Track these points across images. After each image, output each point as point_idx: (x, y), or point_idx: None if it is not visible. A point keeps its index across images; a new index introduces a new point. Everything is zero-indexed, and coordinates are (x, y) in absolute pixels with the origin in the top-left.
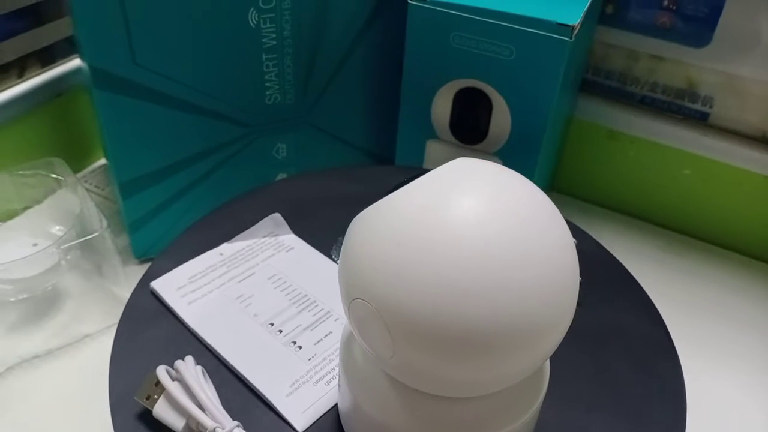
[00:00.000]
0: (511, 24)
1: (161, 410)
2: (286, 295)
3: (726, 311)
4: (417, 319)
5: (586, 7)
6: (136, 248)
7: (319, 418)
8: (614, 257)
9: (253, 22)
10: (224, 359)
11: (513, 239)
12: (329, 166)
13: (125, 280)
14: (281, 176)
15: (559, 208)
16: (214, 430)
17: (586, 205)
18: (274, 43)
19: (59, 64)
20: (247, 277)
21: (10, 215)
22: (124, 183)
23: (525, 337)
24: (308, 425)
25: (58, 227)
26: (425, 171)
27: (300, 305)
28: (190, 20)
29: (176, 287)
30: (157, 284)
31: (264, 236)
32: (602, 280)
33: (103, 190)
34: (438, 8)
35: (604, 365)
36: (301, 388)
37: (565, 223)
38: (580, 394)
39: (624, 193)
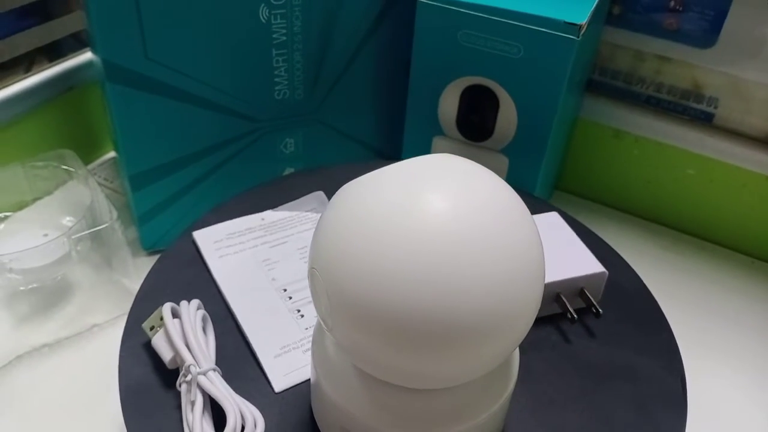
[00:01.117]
0: (518, 22)
1: (157, 341)
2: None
3: (728, 311)
4: (355, 296)
5: (594, 6)
6: (144, 240)
7: (298, 384)
8: (648, 289)
9: (263, 18)
10: (232, 310)
11: (472, 232)
12: (336, 161)
13: (134, 271)
14: (288, 171)
15: (563, 208)
16: (189, 367)
17: (591, 204)
18: (284, 38)
19: (67, 59)
20: (278, 244)
21: (21, 206)
22: (134, 175)
23: (471, 333)
24: (285, 388)
25: (68, 218)
26: None
27: None
28: (202, 15)
29: (213, 240)
30: (197, 234)
31: (306, 211)
32: (628, 311)
33: (111, 182)
34: (447, 6)
35: (599, 400)
36: (290, 353)
37: (532, 220)
38: (563, 426)
39: (628, 192)
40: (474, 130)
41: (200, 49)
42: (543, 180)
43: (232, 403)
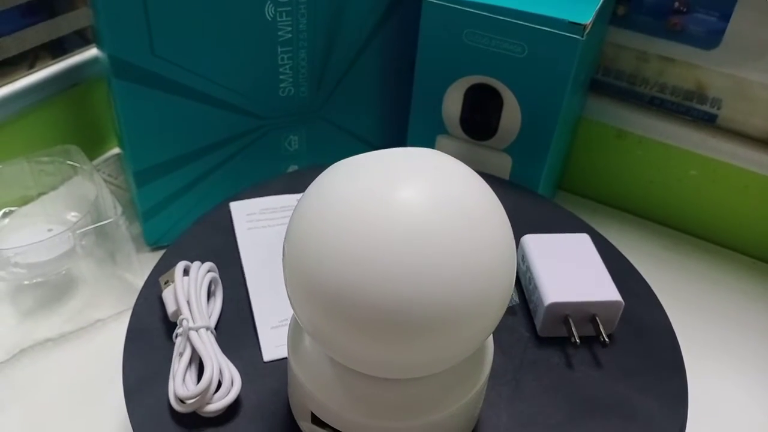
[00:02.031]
0: (523, 22)
1: (166, 294)
2: None
3: (730, 312)
4: (317, 280)
5: (598, 6)
6: (148, 236)
7: (285, 358)
8: (671, 327)
9: (269, 15)
10: (246, 279)
11: (441, 223)
12: (340, 159)
13: (138, 267)
14: (292, 168)
15: (566, 208)
16: (182, 321)
17: (594, 204)
18: (290, 36)
19: (71, 56)
20: None
21: (26, 201)
22: (139, 171)
23: (436, 323)
24: (274, 359)
25: (73, 213)
26: None
27: None
28: (208, 12)
29: (247, 213)
30: (233, 205)
31: None
32: (644, 346)
33: (116, 179)
34: (452, 5)
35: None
36: (287, 327)
37: (503, 214)
38: None
39: (631, 192)
40: (478, 129)
41: (206, 45)
42: (546, 179)
43: (213, 360)
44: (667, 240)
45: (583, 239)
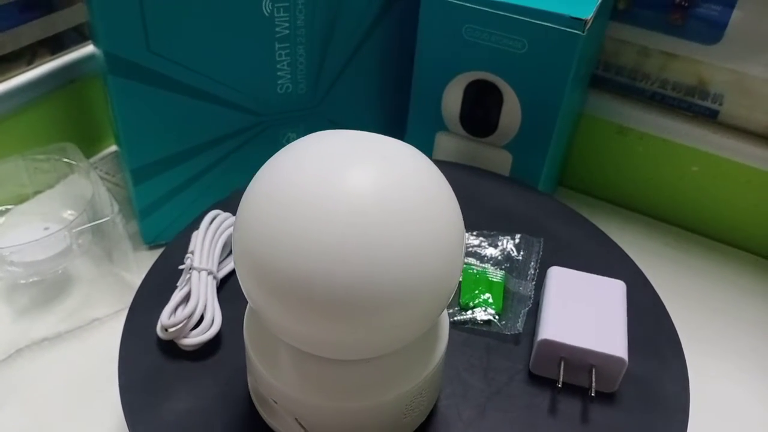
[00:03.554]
0: (523, 17)
1: (193, 236)
2: None
3: (732, 308)
4: (260, 260)
5: (599, 1)
6: (145, 234)
7: None
8: (688, 394)
9: (266, 11)
10: None
11: (384, 205)
12: None
13: (135, 265)
14: None
15: (567, 204)
16: (187, 258)
17: (594, 200)
18: (287, 32)
19: (69, 52)
20: None
21: (22, 199)
22: (136, 169)
23: (379, 303)
24: None
25: (69, 212)
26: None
27: None
28: (205, 8)
29: None
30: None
31: None
32: (644, 409)
33: (113, 176)
34: (451, 0)
35: None
36: None
37: (453, 199)
38: None
39: (632, 189)
40: (478, 125)
41: (203, 41)
42: (546, 176)
43: (201, 298)
44: (668, 236)
45: (617, 286)
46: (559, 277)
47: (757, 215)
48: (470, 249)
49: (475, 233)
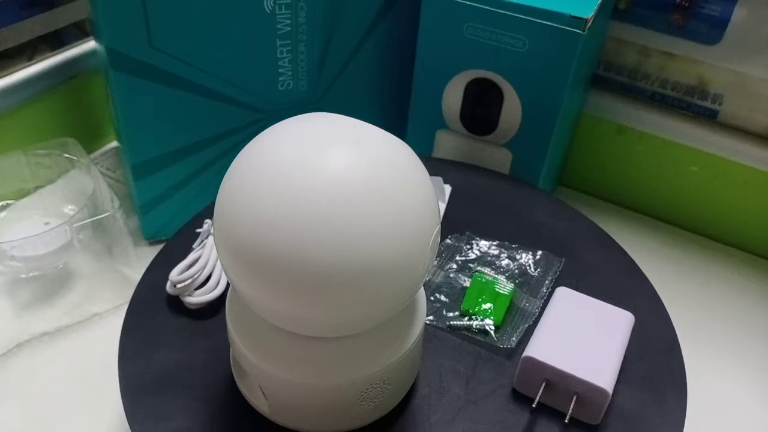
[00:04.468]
0: (524, 15)
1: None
2: None
3: (730, 308)
4: (240, 240)
5: (600, 0)
6: (146, 230)
7: None
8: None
9: (268, 8)
10: None
11: (358, 185)
12: None
13: (136, 261)
14: None
15: (567, 203)
16: (205, 224)
17: (594, 199)
18: (289, 29)
19: (70, 48)
20: None
21: (23, 194)
22: (137, 165)
23: (350, 280)
24: None
25: (70, 207)
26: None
27: None
28: (207, 4)
29: None
30: None
31: None
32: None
33: (114, 172)
34: None
35: None
36: None
37: (426, 178)
38: None
39: (631, 188)
40: (478, 123)
41: (205, 38)
42: (546, 175)
43: (211, 261)
44: (667, 236)
45: (624, 317)
46: (564, 298)
47: (756, 215)
48: (488, 258)
49: (496, 243)
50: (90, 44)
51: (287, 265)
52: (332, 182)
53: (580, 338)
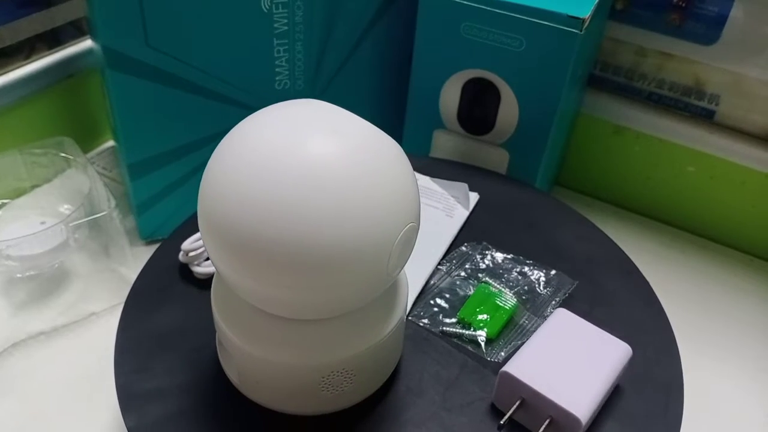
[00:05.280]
0: (521, 15)
1: None
2: None
3: (727, 308)
4: (221, 222)
5: (597, 0)
6: (142, 230)
7: None
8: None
9: (265, 7)
10: None
11: (331, 170)
12: None
13: (132, 260)
14: None
15: (564, 203)
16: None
17: (591, 200)
18: (286, 29)
19: (67, 47)
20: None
21: (19, 193)
22: (133, 164)
23: (327, 262)
24: None
25: (66, 206)
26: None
27: None
28: (203, 3)
29: None
30: None
31: (451, 195)
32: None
33: (110, 171)
34: None
35: None
36: None
37: (406, 163)
38: None
39: (628, 188)
40: (475, 123)
41: (201, 37)
42: (543, 175)
43: None
44: (664, 236)
45: (620, 348)
46: (561, 320)
47: (753, 215)
48: (498, 270)
49: (511, 256)
50: (87, 43)
51: (255, 243)
52: (306, 165)
53: (566, 362)
